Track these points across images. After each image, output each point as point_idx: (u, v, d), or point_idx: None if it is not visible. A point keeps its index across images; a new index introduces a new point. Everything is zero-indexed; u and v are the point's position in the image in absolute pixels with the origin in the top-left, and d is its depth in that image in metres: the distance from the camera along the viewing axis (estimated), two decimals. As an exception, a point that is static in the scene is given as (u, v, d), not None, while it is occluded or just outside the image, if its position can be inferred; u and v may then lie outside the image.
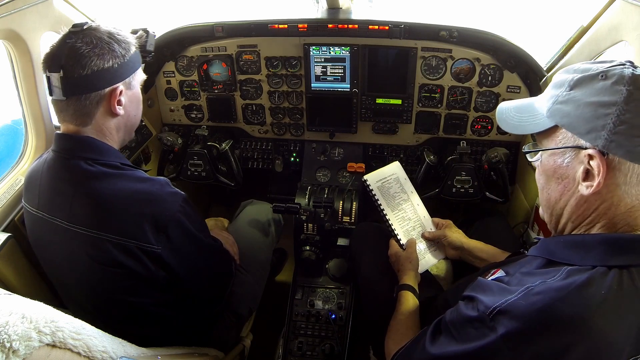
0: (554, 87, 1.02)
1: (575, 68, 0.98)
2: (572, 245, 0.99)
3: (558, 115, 0.98)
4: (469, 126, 2.30)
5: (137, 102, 1.47)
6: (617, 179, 0.91)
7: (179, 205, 1.34)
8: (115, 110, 1.34)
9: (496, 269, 1.16)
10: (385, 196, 1.87)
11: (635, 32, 1.48)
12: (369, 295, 1.79)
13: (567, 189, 1.00)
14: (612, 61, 0.94)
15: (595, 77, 0.92)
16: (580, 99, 0.93)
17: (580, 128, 0.93)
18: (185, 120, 2.51)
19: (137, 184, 1.32)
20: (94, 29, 1.30)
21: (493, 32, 2.06)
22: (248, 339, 1.97)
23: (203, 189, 2.68)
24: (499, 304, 0.92)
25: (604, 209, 0.95)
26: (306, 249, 2.23)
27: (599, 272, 0.89)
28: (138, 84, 1.45)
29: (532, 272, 1.00)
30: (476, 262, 1.72)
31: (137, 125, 1.52)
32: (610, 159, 0.90)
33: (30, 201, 1.38)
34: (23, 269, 1.66)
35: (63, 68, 1.24)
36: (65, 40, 1.26)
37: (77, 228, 1.26)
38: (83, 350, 0.92)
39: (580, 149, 0.94)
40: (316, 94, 2.30)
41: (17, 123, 1.99)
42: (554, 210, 1.05)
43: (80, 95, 1.27)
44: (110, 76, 1.30)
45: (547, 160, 1.04)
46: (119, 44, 1.32)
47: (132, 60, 1.37)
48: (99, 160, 1.30)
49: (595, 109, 0.90)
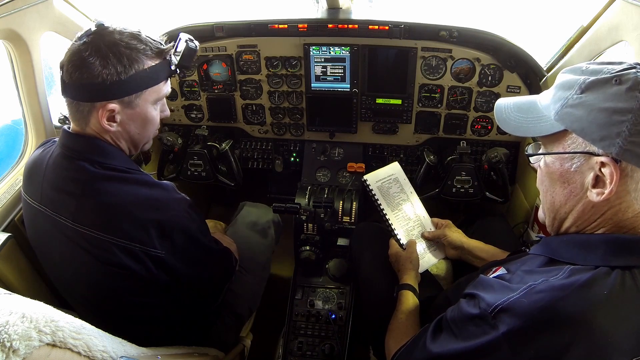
0: (561, 89, 0.97)
1: (584, 69, 0.94)
2: (575, 244, 0.98)
3: (568, 120, 0.94)
4: (469, 126, 2.30)
5: (142, 122, 1.34)
6: (628, 186, 0.89)
7: (184, 212, 1.34)
8: (105, 126, 1.26)
9: (497, 267, 1.16)
10: (385, 196, 1.88)
11: (635, 32, 1.48)
12: (369, 295, 1.79)
13: (573, 194, 0.97)
14: (621, 63, 0.91)
15: (608, 81, 0.88)
16: (592, 103, 0.89)
17: (593, 134, 0.89)
18: (185, 120, 2.51)
19: (144, 189, 1.31)
20: (102, 35, 1.21)
21: (493, 32, 2.06)
22: (248, 339, 1.97)
23: (203, 189, 2.68)
24: (501, 301, 0.92)
25: (611, 214, 0.93)
26: (306, 249, 2.23)
27: (602, 272, 0.89)
28: (147, 102, 1.32)
29: (534, 271, 1.00)
30: (476, 262, 1.72)
31: (143, 143, 1.44)
32: (623, 166, 0.87)
33: (31, 194, 1.36)
34: (23, 269, 1.66)
35: (62, 69, 1.23)
36: (76, 40, 1.23)
37: (81, 228, 1.25)
38: (83, 349, 0.92)
39: (592, 155, 0.90)
40: (316, 94, 2.30)
41: (17, 123, 1.99)
42: (558, 213, 1.03)
43: (72, 100, 1.26)
44: (100, 92, 1.21)
45: (552, 164, 1.00)
46: (119, 59, 1.20)
47: (137, 77, 1.24)
48: (105, 164, 1.28)
49: (610, 116, 0.87)
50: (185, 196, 1.40)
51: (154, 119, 1.38)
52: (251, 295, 1.92)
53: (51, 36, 1.85)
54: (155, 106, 1.37)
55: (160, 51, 1.30)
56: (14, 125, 2.13)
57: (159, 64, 1.30)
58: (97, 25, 1.24)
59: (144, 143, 1.45)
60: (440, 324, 1.11)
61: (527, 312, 0.88)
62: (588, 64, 0.95)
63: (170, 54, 1.34)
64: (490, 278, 1.06)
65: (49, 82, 1.90)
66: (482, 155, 2.22)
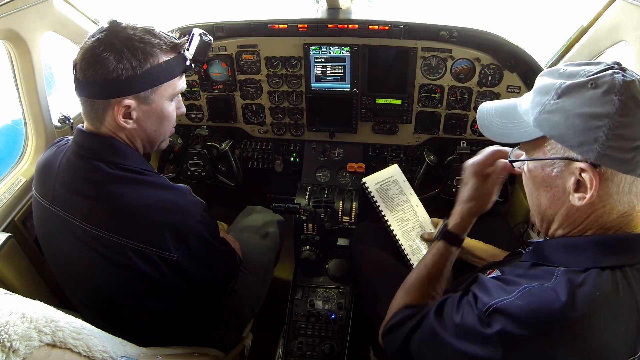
0: (539, 93, 0.96)
1: (561, 72, 0.93)
2: (564, 247, 0.98)
3: (546, 126, 0.93)
4: (469, 126, 2.30)
5: (158, 118, 1.32)
6: (609, 189, 0.89)
7: (200, 215, 1.33)
8: (121, 123, 1.25)
9: (492, 269, 1.16)
10: (384, 198, 1.88)
11: (635, 32, 1.48)
12: (369, 295, 1.79)
13: (556, 197, 0.97)
14: (599, 64, 0.90)
15: (584, 85, 0.87)
16: (569, 109, 0.88)
17: (570, 140, 0.89)
18: (185, 120, 2.51)
19: (161, 192, 1.30)
20: (115, 31, 1.20)
21: (493, 32, 2.06)
22: (248, 339, 1.97)
23: (203, 189, 2.67)
24: (496, 302, 0.92)
25: (596, 217, 0.94)
26: (306, 249, 2.23)
27: (593, 273, 0.89)
28: (163, 98, 1.30)
29: (527, 274, 1.00)
30: (475, 262, 1.72)
31: (160, 140, 1.41)
32: (603, 171, 0.87)
33: (43, 193, 1.34)
34: (23, 269, 1.66)
35: (75, 68, 1.22)
36: (89, 37, 1.22)
37: (95, 230, 1.24)
38: (83, 350, 0.92)
39: (571, 160, 0.90)
40: (316, 94, 2.30)
41: (17, 123, 1.99)
42: (545, 216, 1.04)
43: (86, 99, 1.25)
44: (116, 88, 1.20)
45: (535, 169, 1.00)
46: (133, 54, 1.19)
47: (153, 72, 1.23)
48: (120, 165, 1.26)
49: (586, 121, 0.86)
50: (200, 199, 1.39)
51: (170, 115, 1.36)
52: (254, 296, 1.91)
53: (51, 36, 1.85)
54: (171, 102, 1.35)
55: (175, 45, 1.29)
56: (14, 125, 2.13)
57: (173, 58, 1.28)
58: (110, 22, 1.23)
59: (160, 141, 1.42)
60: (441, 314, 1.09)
61: (521, 314, 0.88)
62: (566, 65, 0.94)
63: (185, 48, 1.33)
64: (488, 279, 1.06)
65: (49, 82, 1.90)
66: (482, 155, 2.22)
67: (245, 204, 2.42)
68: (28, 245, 1.74)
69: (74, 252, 1.30)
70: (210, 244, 1.40)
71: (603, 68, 0.88)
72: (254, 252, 1.98)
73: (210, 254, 1.43)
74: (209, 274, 1.47)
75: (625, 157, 0.85)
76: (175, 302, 1.42)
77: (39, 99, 1.81)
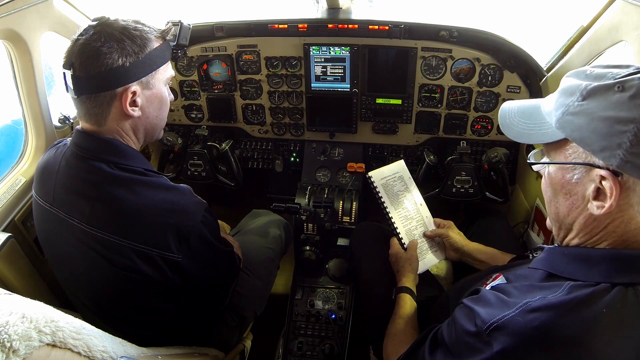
0: (564, 95, 0.93)
1: (588, 73, 0.89)
2: (576, 259, 0.95)
3: (569, 128, 0.89)
4: (469, 126, 2.30)
5: (159, 103, 1.38)
6: (630, 199, 0.85)
7: (202, 215, 1.33)
8: (129, 111, 1.27)
9: (497, 274, 1.14)
10: (389, 194, 1.86)
11: (635, 32, 1.48)
12: (369, 295, 1.79)
13: (575, 205, 0.94)
14: (628, 67, 0.86)
15: (611, 87, 0.83)
16: (594, 111, 0.85)
17: (593, 144, 0.85)
18: (185, 120, 2.51)
19: (162, 192, 1.30)
20: (108, 24, 1.23)
21: (493, 32, 2.06)
22: (248, 339, 1.97)
23: (203, 189, 2.67)
24: (496, 319, 0.89)
25: (614, 227, 0.90)
26: (306, 249, 2.23)
27: (602, 288, 0.86)
28: (161, 83, 1.36)
29: (533, 285, 0.97)
30: (476, 264, 1.72)
31: (161, 126, 1.45)
32: (625, 179, 0.83)
33: (43, 195, 1.35)
34: (23, 269, 1.66)
35: (73, 66, 1.21)
36: (80, 35, 1.22)
37: (96, 231, 1.24)
38: (83, 350, 0.92)
39: (592, 166, 0.86)
40: (316, 94, 2.30)
41: (17, 123, 1.99)
42: (563, 224, 1.00)
43: (90, 95, 1.24)
44: (121, 76, 1.23)
45: (555, 174, 0.97)
46: (133, 40, 1.24)
47: (151, 57, 1.29)
48: (121, 165, 1.27)
49: (611, 125, 0.82)
50: (202, 199, 1.39)
51: (167, 99, 1.42)
52: (257, 298, 1.91)
53: (51, 36, 1.85)
54: (165, 87, 1.41)
55: (162, 31, 1.37)
56: (14, 125, 2.13)
57: (163, 44, 1.36)
58: (99, 17, 1.25)
59: (161, 128, 1.46)
60: (437, 339, 1.09)
61: (522, 331, 0.85)
62: (593, 67, 0.90)
63: (169, 35, 1.40)
64: (489, 291, 1.04)
65: (49, 82, 1.90)
66: (482, 155, 2.22)
67: (245, 204, 2.43)
68: (28, 245, 1.74)
69: (75, 254, 1.30)
70: (211, 244, 1.40)
71: (632, 71, 0.84)
72: (258, 255, 1.97)
73: (212, 254, 1.43)
74: (211, 274, 1.47)
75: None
76: (176, 302, 1.42)
77: (39, 99, 1.81)
